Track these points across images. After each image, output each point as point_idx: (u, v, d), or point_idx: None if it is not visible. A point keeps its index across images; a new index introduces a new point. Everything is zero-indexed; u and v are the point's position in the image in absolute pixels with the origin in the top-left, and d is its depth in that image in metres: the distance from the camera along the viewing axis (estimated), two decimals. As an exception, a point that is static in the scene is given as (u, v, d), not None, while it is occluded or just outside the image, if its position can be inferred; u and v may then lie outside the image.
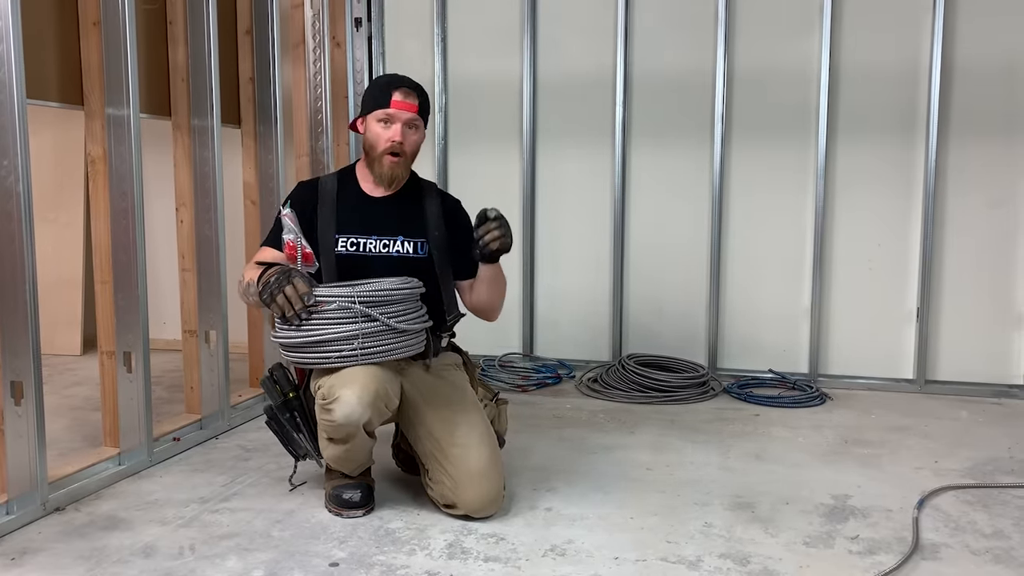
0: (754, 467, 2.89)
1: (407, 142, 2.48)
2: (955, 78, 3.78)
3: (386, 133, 2.46)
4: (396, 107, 2.45)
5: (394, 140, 2.45)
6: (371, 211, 2.53)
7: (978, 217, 3.84)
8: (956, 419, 3.49)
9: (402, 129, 2.46)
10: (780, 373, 3.99)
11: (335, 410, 2.26)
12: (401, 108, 2.45)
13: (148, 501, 2.56)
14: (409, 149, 2.50)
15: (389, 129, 2.46)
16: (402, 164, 2.50)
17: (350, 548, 2.24)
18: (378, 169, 2.50)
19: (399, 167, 2.49)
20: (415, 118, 2.48)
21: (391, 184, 2.52)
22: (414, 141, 2.50)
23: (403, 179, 2.53)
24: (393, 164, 2.48)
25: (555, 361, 4.26)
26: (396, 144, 2.45)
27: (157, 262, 3.99)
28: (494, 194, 4.05)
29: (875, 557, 2.20)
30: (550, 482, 2.71)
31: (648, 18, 4.08)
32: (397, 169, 2.49)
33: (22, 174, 2.31)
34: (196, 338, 3.22)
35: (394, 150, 2.46)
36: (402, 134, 2.46)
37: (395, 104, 2.45)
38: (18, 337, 2.34)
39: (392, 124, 2.46)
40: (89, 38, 2.72)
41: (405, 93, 2.47)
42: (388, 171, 2.49)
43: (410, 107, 2.46)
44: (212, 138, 3.15)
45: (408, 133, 2.47)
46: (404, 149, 2.48)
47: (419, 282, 2.42)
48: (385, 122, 2.46)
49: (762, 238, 4.05)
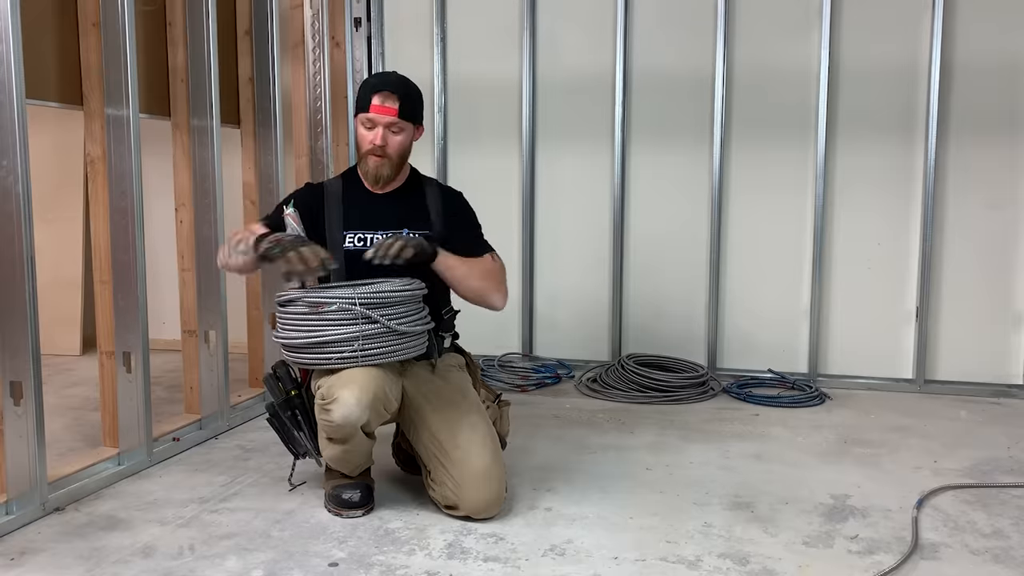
0: (753, 467, 2.89)
1: (389, 144, 2.50)
2: (955, 78, 3.79)
3: (368, 136, 2.50)
4: (375, 111, 2.47)
5: (374, 143, 2.48)
6: (376, 207, 2.56)
7: (977, 217, 3.84)
8: (955, 419, 3.49)
9: (383, 133, 2.48)
10: (779, 373, 3.99)
11: (333, 411, 2.26)
12: (379, 113, 2.47)
13: (147, 501, 2.56)
14: (392, 151, 2.51)
15: (371, 132, 2.49)
16: (386, 164, 2.52)
17: (349, 548, 2.24)
18: (363, 167, 2.55)
19: (383, 167, 2.52)
20: (395, 122, 2.48)
21: (377, 182, 2.54)
22: (397, 143, 2.51)
23: (390, 178, 2.55)
24: (377, 163, 2.51)
25: (554, 361, 4.26)
26: (376, 147, 2.48)
27: (157, 262, 3.98)
28: (493, 194, 4.05)
29: (874, 557, 2.20)
30: (550, 482, 2.71)
31: (647, 17, 4.08)
32: (381, 168, 2.52)
33: (21, 174, 2.31)
34: (196, 338, 3.22)
35: (375, 151, 2.49)
36: (383, 138, 2.48)
37: (374, 109, 2.47)
38: (18, 337, 2.34)
39: (374, 128, 2.49)
40: (88, 38, 2.72)
41: (384, 97, 2.47)
42: (372, 170, 2.52)
43: (388, 111, 2.47)
44: (211, 138, 3.15)
45: (389, 136, 2.49)
46: (387, 152, 2.50)
47: (421, 283, 2.42)
48: (367, 127, 2.50)
49: (761, 238, 4.05)
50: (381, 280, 2.34)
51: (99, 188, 2.78)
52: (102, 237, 2.79)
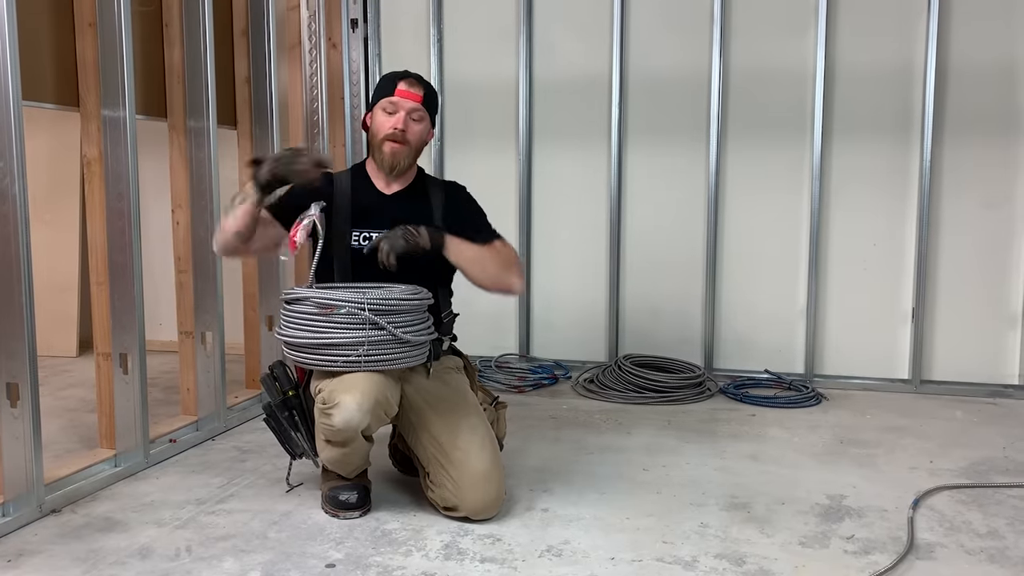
0: (750, 467, 2.90)
1: (409, 130, 2.50)
2: (950, 79, 3.79)
3: (389, 121, 2.50)
4: (400, 95, 2.50)
5: (396, 127, 2.48)
6: (384, 206, 2.55)
7: (973, 217, 3.85)
8: (951, 419, 3.50)
9: (405, 118, 2.49)
10: (776, 373, 4.00)
11: (335, 415, 2.26)
12: (405, 96, 2.50)
13: (144, 503, 2.56)
14: (412, 138, 2.52)
15: (392, 117, 2.50)
16: (403, 152, 2.51)
17: (347, 549, 2.24)
18: (379, 156, 2.54)
19: (400, 154, 2.51)
20: (419, 108, 2.51)
21: (392, 171, 2.53)
22: (417, 131, 2.53)
23: (405, 167, 2.55)
24: (394, 150, 2.50)
25: (551, 362, 4.26)
26: (398, 132, 2.48)
27: (153, 264, 3.99)
28: (490, 194, 4.02)
29: (870, 557, 2.20)
30: (546, 483, 2.71)
31: (644, 18, 4.08)
32: (398, 155, 2.51)
33: (18, 176, 2.31)
34: (192, 339, 3.22)
35: (395, 137, 2.49)
36: (404, 122, 2.49)
37: (399, 92, 2.50)
38: (14, 339, 2.34)
39: (396, 112, 2.50)
40: (85, 39, 2.72)
41: (410, 84, 2.52)
42: (389, 157, 2.51)
43: (414, 96, 2.51)
44: (208, 139, 3.14)
45: (411, 123, 2.51)
46: (406, 137, 2.50)
47: (428, 293, 2.42)
48: (389, 111, 2.50)
49: (758, 238, 4.06)
50: (390, 286, 2.34)
51: (96, 189, 2.78)
52: (99, 238, 2.79)
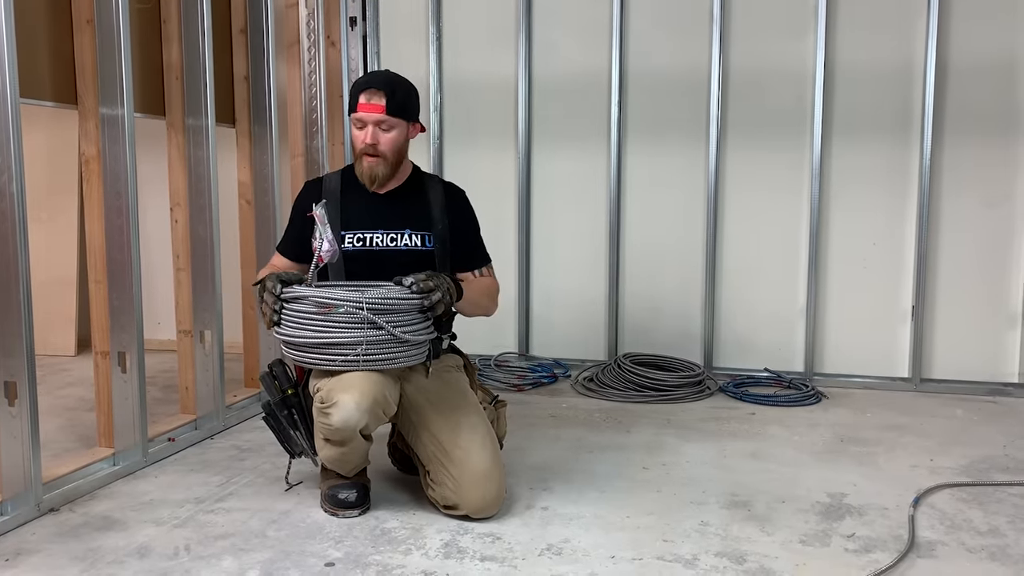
0: (750, 466, 2.89)
1: (381, 142, 2.48)
2: (950, 77, 3.79)
3: (360, 135, 2.49)
4: (362, 110, 2.46)
5: (365, 142, 2.47)
6: (376, 206, 2.55)
7: (973, 216, 3.85)
8: (951, 417, 3.50)
9: (373, 131, 2.46)
10: (776, 372, 4.00)
11: (333, 415, 2.25)
12: (367, 111, 2.46)
13: (143, 501, 2.55)
14: (385, 149, 2.49)
15: (362, 132, 2.48)
16: (381, 164, 2.50)
17: (346, 548, 2.24)
18: (358, 168, 2.53)
19: (377, 167, 2.50)
20: (383, 119, 2.46)
21: (373, 183, 2.52)
22: (389, 140, 2.49)
23: (386, 178, 2.53)
24: (372, 163, 2.49)
25: (551, 360, 4.26)
26: (368, 146, 2.47)
27: (152, 262, 3.98)
28: (489, 193, 4.04)
29: (871, 555, 2.20)
30: (546, 481, 2.71)
31: (643, 17, 4.08)
32: (376, 168, 2.50)
33: (15, 174, 2.30)
34: (191, 338, 3.21)
35: (367, 151, 2.48)
36: (373, 136, 2.46)
37: (361, 107, 2.46)
38: (12, 337, 2.33)
39: (364, 127, 2.47)
40: (83, 37, 2.71)
41: (370, 95, 2.46)
42: (367, 171, 2.51)
43: (375, 108, 2.45)
44: (207, 137, 3.14)
45: (380, 134, 2.47)
46: (379, 150, 2.48)
47: None
48: (358, 127, 2.49)
49: (757, 237, 4.05)
50: (389, 285, 2.33)
51: (94, 188, 2.77)
52: (97, 237, 2.79)
